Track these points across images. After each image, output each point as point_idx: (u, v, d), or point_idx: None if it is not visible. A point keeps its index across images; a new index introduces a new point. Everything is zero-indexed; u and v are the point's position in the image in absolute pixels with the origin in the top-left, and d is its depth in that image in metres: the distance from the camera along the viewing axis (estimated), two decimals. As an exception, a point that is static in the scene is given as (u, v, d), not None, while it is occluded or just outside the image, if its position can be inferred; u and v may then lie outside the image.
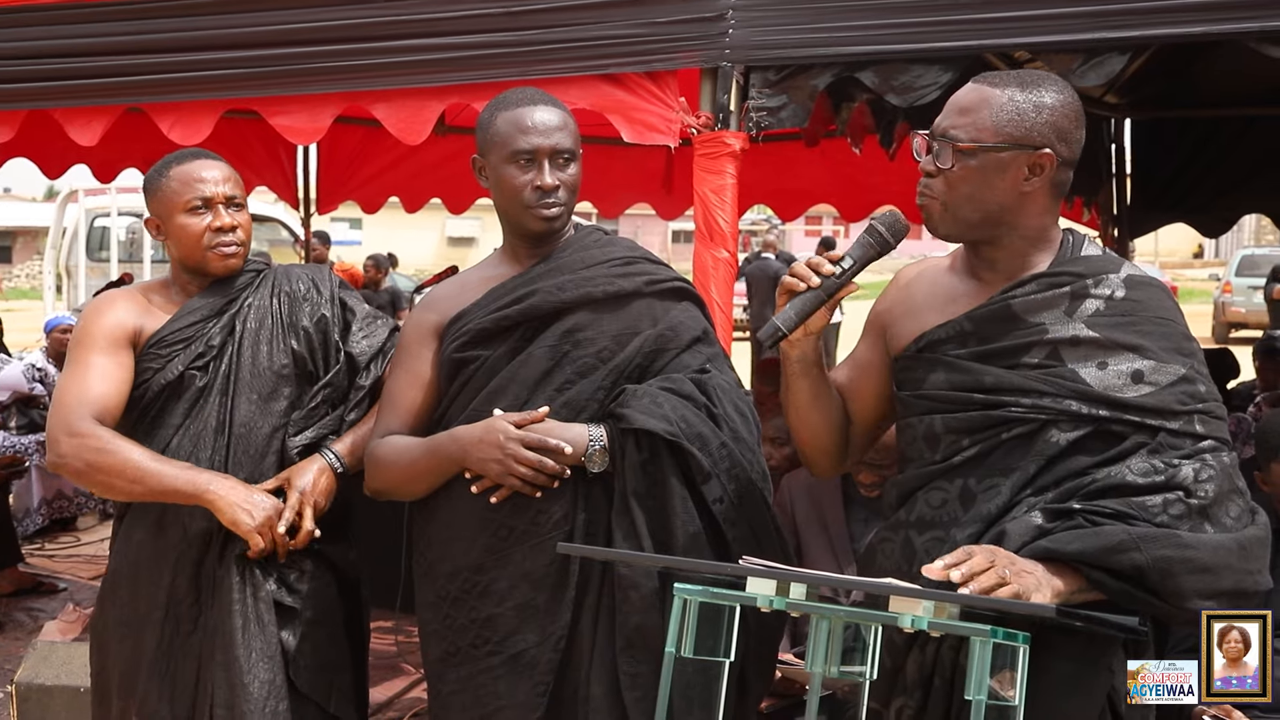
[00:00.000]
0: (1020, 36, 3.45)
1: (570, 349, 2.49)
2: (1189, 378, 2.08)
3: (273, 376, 2.78)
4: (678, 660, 1.97)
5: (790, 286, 2.19)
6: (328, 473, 2.73)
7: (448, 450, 2.46)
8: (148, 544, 2.77)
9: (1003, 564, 1.94)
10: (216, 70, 3.96)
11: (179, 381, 2.75)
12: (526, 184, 2.49)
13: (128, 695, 2.77)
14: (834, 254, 2.19)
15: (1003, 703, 1.81)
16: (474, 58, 3.75)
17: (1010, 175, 2.11)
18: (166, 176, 2.78)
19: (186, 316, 2.79)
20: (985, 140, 2.09)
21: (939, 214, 2.15)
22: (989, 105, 2.10)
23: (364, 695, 2.94)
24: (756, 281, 13.10)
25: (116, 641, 2.80)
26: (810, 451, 2.41)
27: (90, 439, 2.65)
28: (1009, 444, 2.11)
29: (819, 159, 6.60)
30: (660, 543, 2.36)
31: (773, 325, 2.18)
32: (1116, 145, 6.81)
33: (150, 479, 2.64)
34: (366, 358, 2.85)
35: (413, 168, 7.16)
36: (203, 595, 2.73)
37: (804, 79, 3.51)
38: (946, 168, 2.12)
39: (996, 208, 2.13)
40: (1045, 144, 2.10)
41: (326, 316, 2.85)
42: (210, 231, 2.76)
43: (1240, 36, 3.25)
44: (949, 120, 2.14)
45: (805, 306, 2.18)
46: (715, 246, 3.57)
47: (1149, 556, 1.96)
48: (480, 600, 2.46)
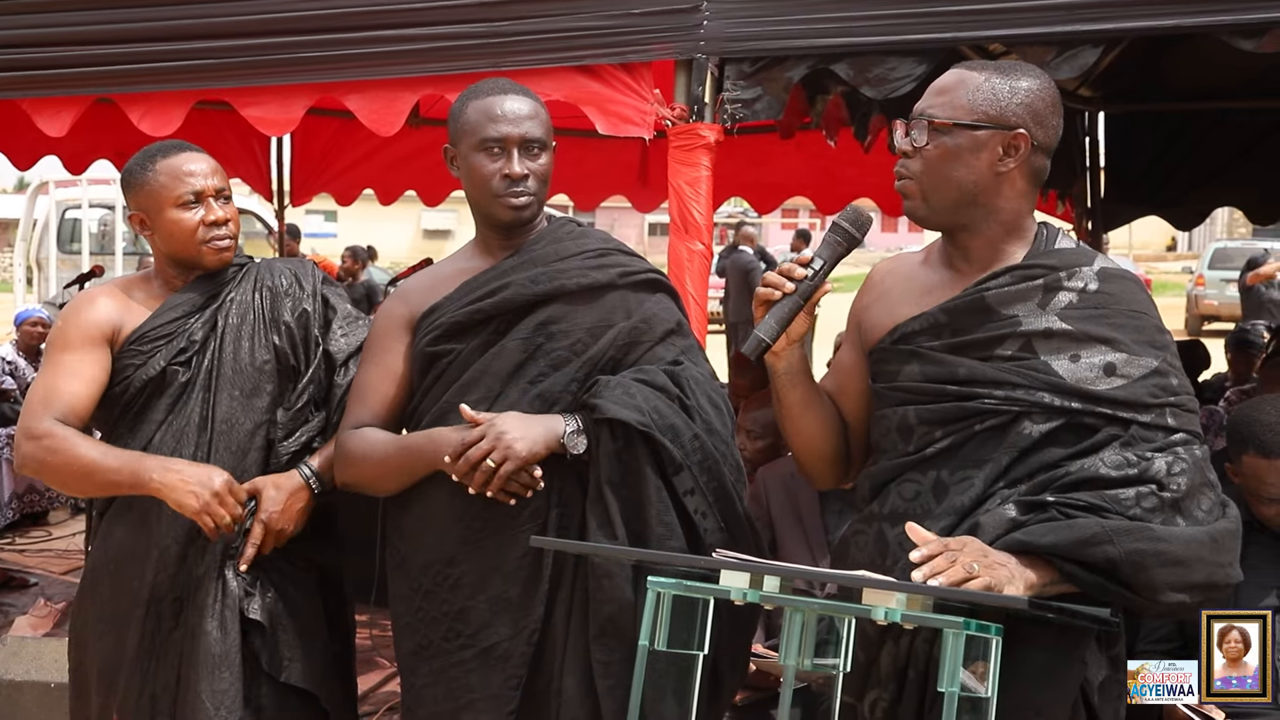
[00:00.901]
0: (994, 29, 3.46)
1: (544, 341, 2.48)
2: (1161, 371, 2.09)
3: (255, 372, 2.76)
4: (650, 653, 1.97)
5: (766, 297, 2.18)
6: (302, 493, 2.69)
7: (422, 450, 2.45)
8: (129, 541, 2.74)
9: (972, 557, 1.95)
10: (187, 60, 3.93)
11: (161, 377, 2.73)
12: (495, 172, 2.48)
13: (108, 692, 2.75)
14: (803, 257, 2.18)
15: (975, 694, 1.82)
16: (447, 49, 3.73)
17: (986, 155, 2.12)
18: (152, 170, 2.74)
19: (169, 312, 2.76)
20: (961, 119, 2.11)
21: (916, 194, 2.16)
22: (966, 86, 2.13)
23: (352, 688, 2.94)
24: (732, 274, 13.10)
25: (96, 638, 2.78)
26: (810, 461, 2.38)
27: (45, 439, 2.65)
28: (981, 436, 2.11)
29: (794, 151, 6.60)
30: (634, 532, 2.36)
31: (755, 338, 2.17)
32: (1090, 139, 6.84)
33: (97, 475, 2.65)
34: (344, 355, 2.83)
35: (387, 160, 7.13)
36: (185, 593, 2.71)
37: (779, 71, 3.51)
38: (922, 145, 2.13)
39: (972, 187, 2.13)
40: (1020, 125, 2.12)
41: (308, 311, 2.82)
42: (204, 226, 2.72)
43: (1212, 29, 3.27)
44: (927, 101, 2.16)
45: (784, 314, 2.17)
46: (690, 239, 3.57)
47: (1122, 549, 1.97)
48: (452, 593, 2.45)
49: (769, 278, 2.19)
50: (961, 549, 1.97)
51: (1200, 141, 6.67)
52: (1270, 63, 3.77)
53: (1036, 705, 2.04)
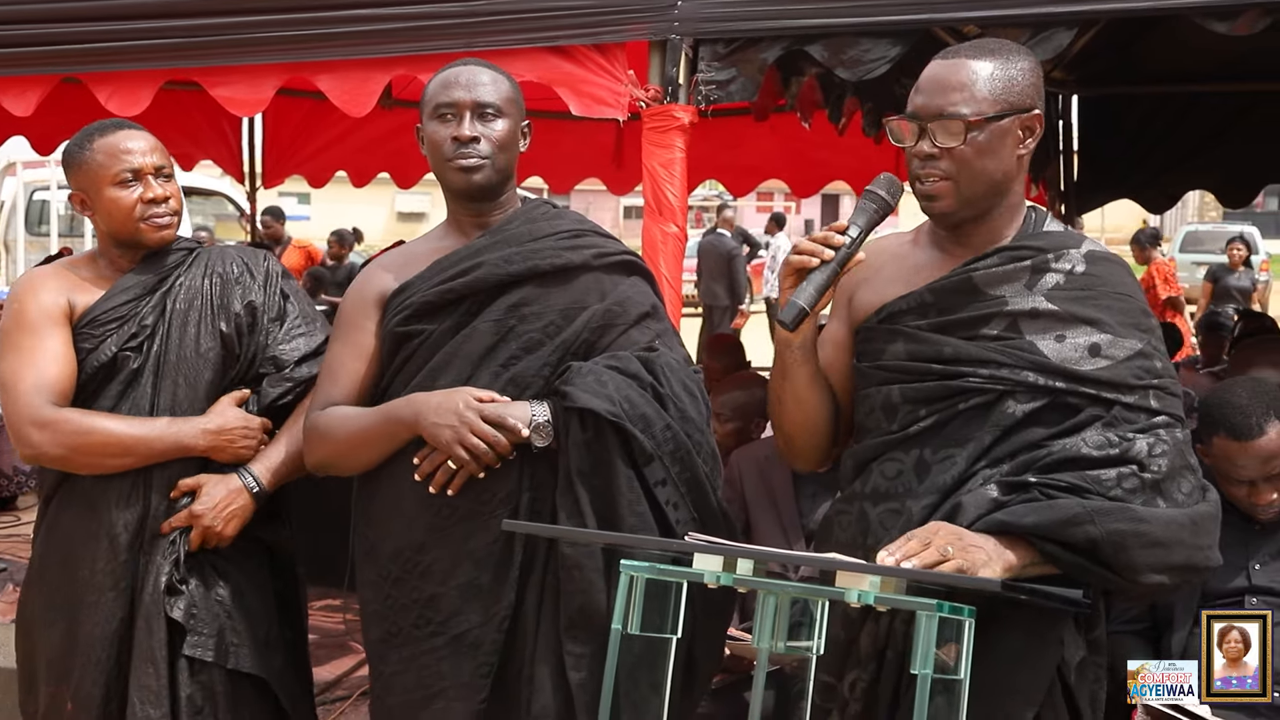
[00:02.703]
0: (969, 11, 3.46)
1: (516, 323, 2.46)
2: (1145, 353, 2.11)
3: (198, 359, 2.73)
4: (624, 637, 1.96)
5: (801, 264, 2.14)
6: (242, 496, 2.68)
7: (402, 415, 2.42)
8: (79, 527, 2.71)
9: (945, 540, 1.95)
10: (155, 39, 3.88)
11: (112, 363, 2.70)
12: (446, 136, 2.46)
13: (58, 681, 2.72)
14: (839, 224, 2.15)
15: (949, 676, 1.82)
16: (419, 29, 3.70)
17: (1010, 141, 2.12)
18: (90, 149, 2.71)
19: (119, 295, 2.73)
20: (987, 111, 2.10)
21: (950, 193, 2.13)
22: (981, 77, 2.10)
23: (306, 672, 2.91)
24: (706, 257, 13.10)
25: (44, 627, 2.74)
26: (804, 439, 2.34)
27: (62, 424, 2.63)
28: (966, 415, 2.12)
29: (769, 134, 6.59)
30: (606, 522, 2.34)
31: (796, 306, 2.12)
32: (1064, 122, 6.86)
33: (140, 449, 2.65)
34: (296, 355, 2.79)
35: (360, 141, 7.08)
36: (136, 580, 2.68)
37: (753, 52, 3.49)
38: (955, 145, 2.10)
39: (1002, 177, 2.14)
40: (1035, 105, 2.14)
41: (256, 303, 2.78)
42: (142, 203, 2.69)
43: (1186, 12, 3.27)
44: (943, 98, 2.11)
45: (822, 282, 2.13)
46: (664, 221, 3.55)
47: (1103, 530, 1.98)
48: (422, 580, 2.43)
49: (804, 245, 2.15)
50: (935, 534, 1.97)
51: (1173, 125, 6.69)
52: (1243, 46, 3.79)
53: (1013, 686, 2.05)
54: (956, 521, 2.05)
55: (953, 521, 2.05)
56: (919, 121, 2.12)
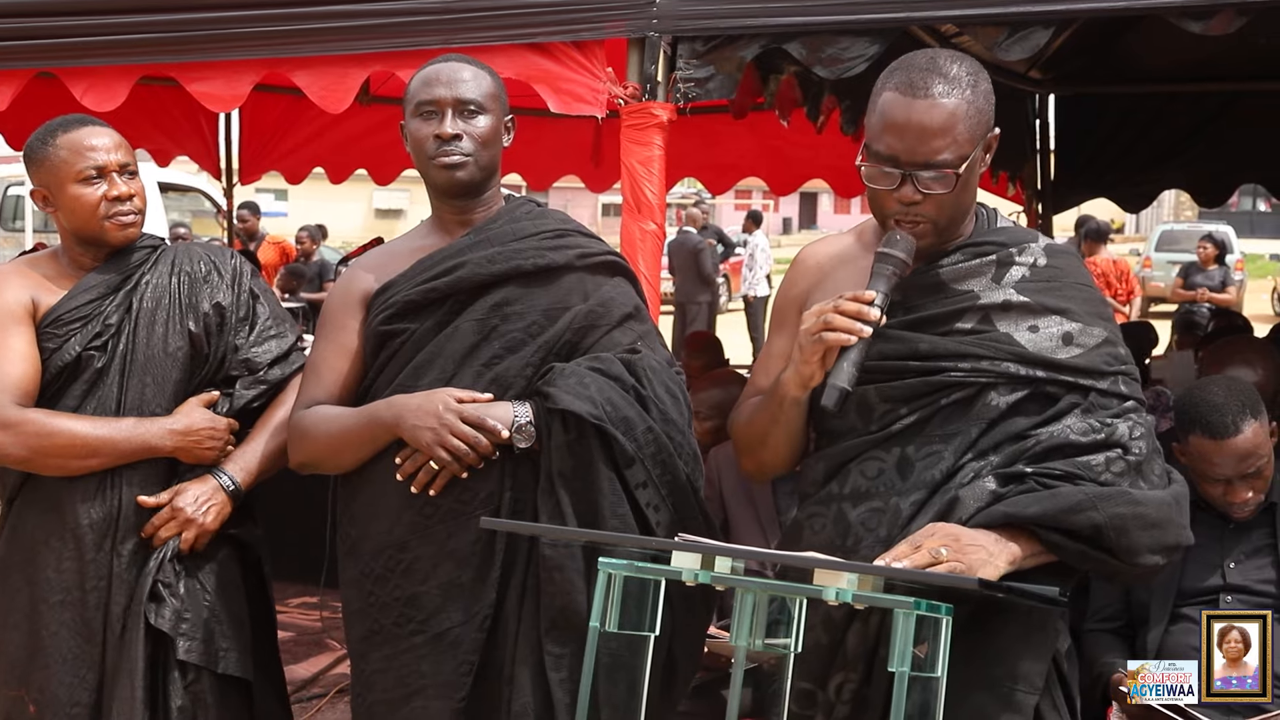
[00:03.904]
0: (947, 9, 3.47)
1: (499, 323, 2.45)
2: (1111, 340, 2.16)
3: (166, 359, 2.71)
4: (602, 635, 1.96)
5: (837, 342, 2.06)
6: (220, 495, 2.68)
7: (382, 416, 2.42)
8: (43, 527, 2.69)
9: (939, 542, 1.96)
10: (131, 34, 3.84)
11: (76, 363, 2.67)
12: (429, 134, 2.46)
13: (20, 684, 2.69)
14: (865, 295, 2.08)
15: (927, 674, 1.83)
16: (397, 25, 3.68)
17: (980, 166, 2.14)
18: (53, 145, 2.69)
19: (83, 294, 2.70)
20: (968, 153, 2.09)
21: (932, 232, 2.13)
22: (960, 118, 2.07)
23: (277, 668, 2.91)
24: (677, 255, 13.14)
25: (9, 629, 2.71)
26: (777, 469, 2.35)
27: (26, 425, 2.61)
28: (947, 410, 2.13)
29: (748, 132, 6.58)
30: (587, 524, 2.34)
31: (838, 389, 2.06)
32: (1041, 121, 6.88)
33: (105, 449, 2.62)
34: (269, 358, 2.78)
35: (338, 138, 7.04)
36: (105, 584, 2.66)
37: (731, 50, 3.49)
38: (944, 192, 2.08)
39: (971, 199, 2.17)
40: (994, 123, 2.15)
41: (224, 303, 2.77)
42: (106, 201, 2.67)
43: (1161, 11, 3.29)
44: (926, 147, 2.06)
45: (858, 358, 2.08)
46: (643, 219, 3.55)
47: (1105, 514, 2.02)
48: (404, 578, 2.43)
49: (838, 322, 2.07)
50: (930, 536, 1.99)
51: (1148, 125, 6.74)
52: (1219, 46, 3.81)
53: (1017, 674, 2.08)
54: (955, 515, 2.06)
55: (950, 515, 2.06)
56: (901, 170, 2.08)
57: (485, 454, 2.35)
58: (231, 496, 2.69)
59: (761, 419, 2.28)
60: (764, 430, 2.28)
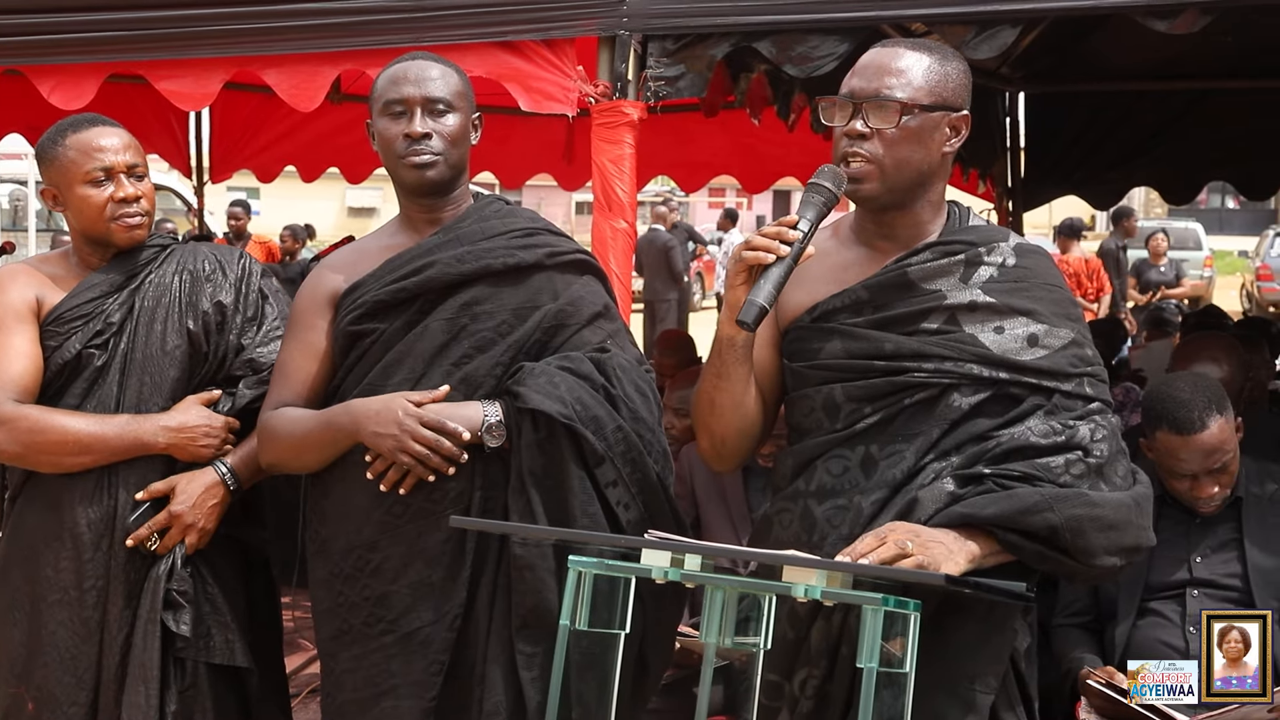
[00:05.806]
0: (916, 8, 3.49)
1: (468, 322, 2.45)
2: (1078, 341, 2.16)
3: (164, 357, 2.70)
4: (573, 634, 1.97)
5: (755, 260, 2.07)
6: (218, 489, 2.67)
7: (341, 422, 2.41)
8: (42, 526, 2.68)
9: (901, 537, 1.97)
10: (99, 32, 3.82)
11: (76, 361, 2.67)
12: (398, 134, 2.45)
13: (20, 681, 2.69)
14: (789, 219, 2.11)
15: (896, 670, 1.84)
16: (368, 23, 3.67)
17: (938, 136, 2.15)
18: (63, 145, 2.68)
19: (85, 292, 2.70)
20: (921, 100, 2.12)
21: (875, 176, 2.13)
22: (918, 68, 2.13)
23: (281, 676, 2.92)
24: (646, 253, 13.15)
25: (9, 626, 2.71)
26: (735, 440, 2.29)
27: (20, 421, 2.60)
28: (911, 410, 2.14)
29: (719, 130, 6.59)
30: (558, 523, 2.34)
31: (756, 305, 2.06)
32: (1011, 119, 6.92)
33: (98, 446, 2.61)
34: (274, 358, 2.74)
35: (309, 136, 7.01)
36: (106, 583, 2.65)
37: (702, 48, 3.50)
38: (887, 127, 2.11)
39: (926, 169, 2.16)
40: (964, 106, 2.17)
41: (225, 302, 2.75)
42: (113, 202, 2.66)
43: (1127, 11, 3.32)
44: (879, 81, 2.12)
45: (778, 278, 2.07)
46: (614, 217, 3.55)
47: (1062, 516, 2.03)
48: (373, 578, 2.42)
49: (758, 241, 2.10)
50: (891, 531, 2.00)
51: (1117, 122, 6.78)
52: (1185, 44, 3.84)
53: (973, 673, 2.09)
54: (914, 516, 2.07)
55: (910, 516, 2.07)
56: (853, 101, 2.13)
57: (449, 456, 2.35)
58: (230, 490, 2.67)
59: (708, 377, 2.25)
60: (711, 392, 2.24)
